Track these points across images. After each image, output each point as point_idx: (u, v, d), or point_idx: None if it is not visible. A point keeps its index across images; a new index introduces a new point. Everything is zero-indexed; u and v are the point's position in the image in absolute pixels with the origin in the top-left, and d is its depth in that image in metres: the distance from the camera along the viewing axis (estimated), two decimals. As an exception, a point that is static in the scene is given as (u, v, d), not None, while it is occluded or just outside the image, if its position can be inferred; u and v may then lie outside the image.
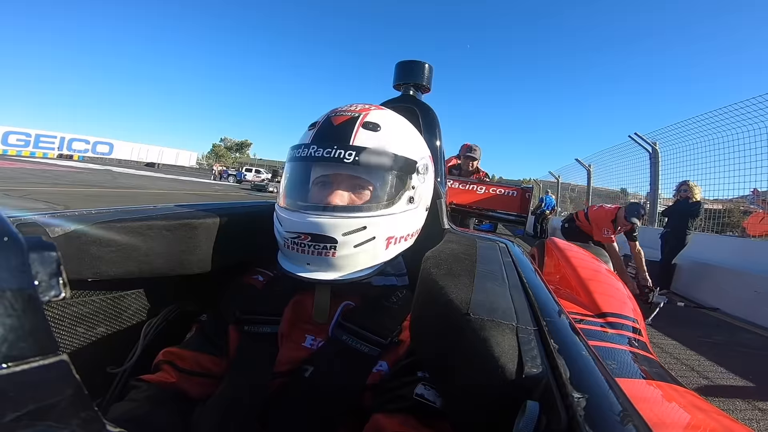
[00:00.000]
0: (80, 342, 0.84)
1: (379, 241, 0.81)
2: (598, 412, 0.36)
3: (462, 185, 4.28)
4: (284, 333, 0.81)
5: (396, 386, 0.70)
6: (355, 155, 0.76)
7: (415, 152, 0.87)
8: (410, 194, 0.86)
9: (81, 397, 0.26)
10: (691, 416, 0.80)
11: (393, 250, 0.85)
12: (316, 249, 0.77)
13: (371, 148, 0.78)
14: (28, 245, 0.26)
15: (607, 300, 1.44)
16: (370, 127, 0.81)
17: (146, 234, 0.79)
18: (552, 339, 0.49)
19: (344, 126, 0.81)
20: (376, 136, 0.81)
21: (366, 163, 0.77)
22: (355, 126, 0.81)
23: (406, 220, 0.86)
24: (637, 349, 1.12)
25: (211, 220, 0.89)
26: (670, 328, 3.95)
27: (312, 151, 0.78)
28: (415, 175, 0.86)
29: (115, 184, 16.90)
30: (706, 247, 6.36)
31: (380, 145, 0.80)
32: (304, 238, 0.77)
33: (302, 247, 0.78)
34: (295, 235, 0.78)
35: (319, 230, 0.76)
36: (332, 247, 0.76)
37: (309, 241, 0.77)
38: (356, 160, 0.76)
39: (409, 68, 1.57)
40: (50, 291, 0.27)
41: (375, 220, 0.79)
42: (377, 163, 0.79)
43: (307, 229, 0.77)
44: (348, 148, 0.77)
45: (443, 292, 0.57)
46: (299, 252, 0.78)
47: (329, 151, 0.77)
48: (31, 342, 0.25)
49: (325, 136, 0.81)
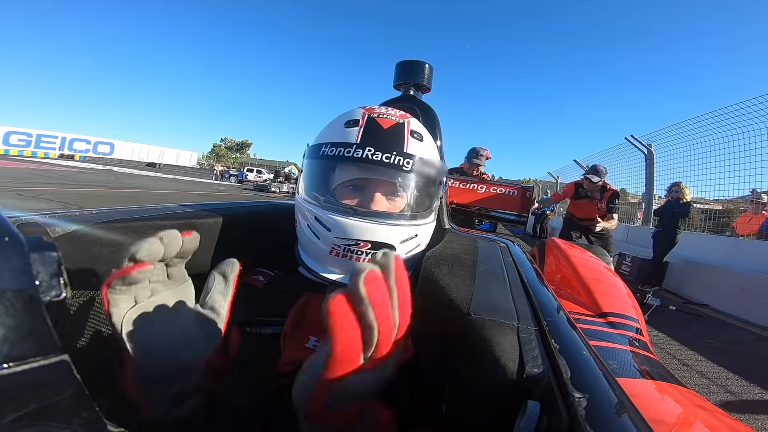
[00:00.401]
0: (81, 342, 0.84)
1: (421, 247, 0.83)
2: (599, 411, 0.36)
3: (462, 184, 4.28)
4: (288, 334, 0.80)
5: (396, 385, 0.70)
6: (412, 164, 0.76)
7: (442, 164, 0.89)
8: (437, 203, 0.88)
9: (82, 397, 0.26)
10: (692, 416, 0.80)
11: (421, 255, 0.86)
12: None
13: (423, 158, 0.79)
14: (29, 245, 0.26)
15: (608, 300, 1.44)
16: (416, 136, 0.82)
17: (147, 234, 0.79)
18: (553, 339, 0.49)
19: (395, 131, 0.80)
20: (422, 146, 0.82)
21: (420, 171, 0.78)
22: (405, 132, 0.80)
23: (433, 227, 0.89)
24: (637, 349, 1.12)
25: (212, 220, 0.89)
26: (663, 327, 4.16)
27: (368, 154, 0.75)
28: (441, 187, 0.89)
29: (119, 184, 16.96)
30: (696, 246, 6.62)
31: (427, 155, 0.81)
32: (363, 245, 0.75)
33: (358, 254, 0.76)
34: (351, 242, 0.75)
35: (382, 238, 0.75)
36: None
37: (369, 249, 0.75)
38: (412, 169, 0.77)
39: (409, 68, 1.56)
40: (51, 291, 0.27)
41: (423, 228, 0.82)
42: (427, 173, 0.80)
43: (368, 236, 0.75)
44: (405, 155, 0.76)
45: (444, 292, 0.57)
46: (353, 260, 0.76)
47: (389, 156, 0.75)
48: (32, 342, 0.25)
49: (379, 139, 0.78)
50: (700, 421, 0.77)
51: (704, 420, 0.77)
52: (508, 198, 4.20)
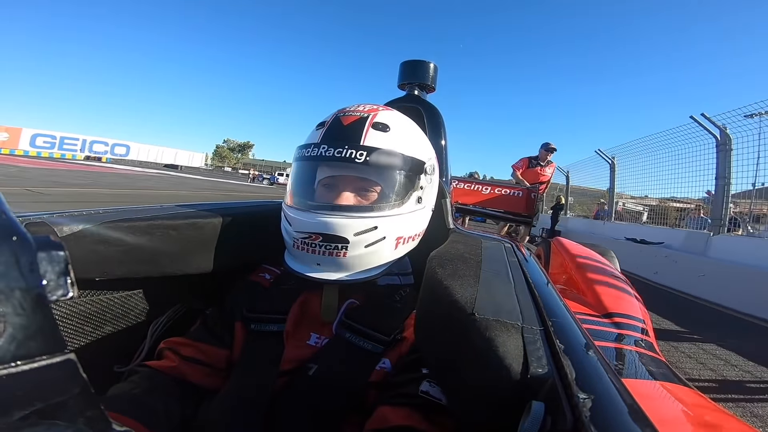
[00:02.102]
0: (87, 341, 0.84)
1: (389, 240, 0.81)
2: (604, 412, 0.36)
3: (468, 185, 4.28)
4: (290, 331, 0.81)
5: (401, 383, 0.70)
6: (366, 155, 0.77)
7: (423, 153, 0.88)
8: (419, 194, 0.86)
9: (88, 396, 0.26)
10: (698, 417, 0.79)
11: (401, 249, 0.86)
12: (327, 249, 0.77)
13: (382, 149, 0.79)
14: (36, 244, 0.27)
15: (614, 300, 1.43)
16: (380, 128, 0.82)
17: (153, 233, 0.80)
18: (558, 339, 0.49)
19: (354, 126, 0.81)
20: (386, 137, 0.81)
21: (376, 163, 0.78)
22: (365, 126, 0.81)
23: (415, 220, 0.87)
24: (643, 350, 1.12)
25: (218, 219, 0.89)
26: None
27: (322, 151, 0.78)
28: (423, 176, 0.87)
29: (182, 187, 17.35)
30: (572, 222, 12.99)
31: (390, 146, 0.80)
32: (315, 238, 0.77)
33: (312, 247, 0.78)
34: (305, 235, 0.78)
35: (330, 230, 0.76)
36: (344, 248, 0.77)
37: (320, 242, 0.77)
38: (367, 161, 0.77)
39: (413, 68, 1.56)
40: (58, 290, 0.27)
41: (386, 220, 0.80)
42: (387, 164, 0.80)
43: (318, 229, 0.77)
44: (359, 148, 0.77)
45: (448, 292, 0.57)
46: (309, 252, 0.79)
47: (340, 150, 0.77)
48: (39, 341, 0.25)
49: (336, 135, 0.81)
50: (706, 423, 0.76)
51: (711, 421, 0.76)
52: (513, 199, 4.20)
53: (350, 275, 0.80)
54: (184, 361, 0.79)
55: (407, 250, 0.88)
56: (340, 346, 0.78)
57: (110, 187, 12.53)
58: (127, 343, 0.90)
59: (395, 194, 0.83)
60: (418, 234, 0.90)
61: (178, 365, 0.78)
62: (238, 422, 0.69)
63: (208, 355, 0.81)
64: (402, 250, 0.86)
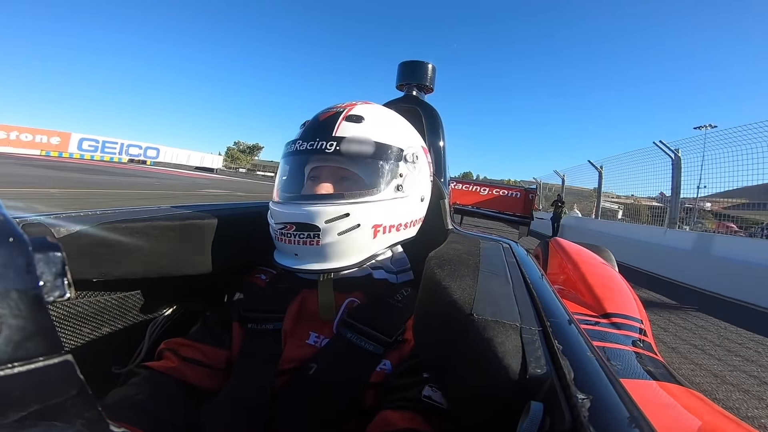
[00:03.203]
0: (85, 342, 0.84)
1: (364, 229, 0.81)
2: (602, 413, 0.36)
3: (466, 186, 4.29)
4: (288, 330, 0.81)
5: (402, 387, 0.70)
6: (335, 145, 0.79)
7: (401, 140, 0.88)
8: (398, 182, 0.86)
9: (85, 397, 0.26)
10: (697, 418, 0.79)
11: (382, 239, 0.85)
12: (301, 238, 0.79)
13: (350, 137, 0.81)
14: (33, 245, 0.26)
15: (612, 300, 1.43)
16: (354, 120, 0.84)
17: (151, 234, 0.80)
18: (556, 339, 0.49)
19: (328, 120, 0.84)
20: (358, 127, 0.83)
21: (346, 151, 0.80)
22: (339, 119, 0.84)
23: (395, 209, 0.86)
24: (641, 350, 1.12)
25: (215, 220, 0.89)
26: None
27: (297, 146, 0.82)
28: (402, 163, 0.87)
29: (235, 187, 18.07)
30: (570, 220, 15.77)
31: (360, 134, 0.82)
32: (289, 228, 0.80)
33: (289, 237, 0.80)
34: (282, 225, 0.81)
35: (302, 219, 0.79)
36: (315, 236, 0.78)
37: (294, 231, 0.79)
38: (337, 150, 0.79)
39: (411, 68, 1.56)
40: (55, 291, 0.27)
41: (358, 207, 0.80)
42: (357, 151, 0.81)
43: (292, 218, 0.80)
44: (329, 139, 0.80)
45: (447, 293, 0.57)
46: (287, 243, 0.81)
47: (312, 143, 0.81)
48: (36, 342, 0.25)
49: (311, 130, 0.85)
50: (704, 423, 0.76)
51: (709, 421, 0.77)
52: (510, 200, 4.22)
53: (328, 265, 0.81)
54: (184, 362, 0.79)
55: (392, 240, 0.88)
56: (341, 346, 0.77)
57: (202, 188, 13.47)
58: (125, 344, 0.90)
59: (369, 181, 0.84)
60: (403, 224, 0.89)
61: (178, 366, 0.78)
62: (238, 422, 0.69)
63: (208, 356, 0.81)
64: (384, 240, 0.86)
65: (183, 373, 0.77)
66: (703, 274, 7.55)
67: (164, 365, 0.78)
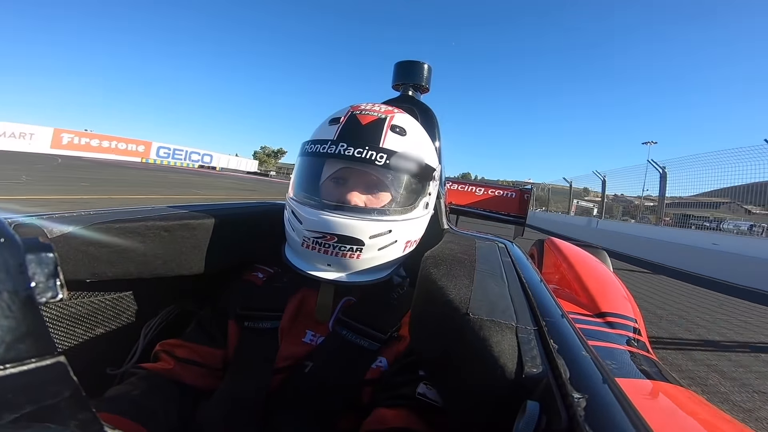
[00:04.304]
0: (79, 343, 0.83)
1: (399, 243, 0.82)
2: (598, 412, 0.36)
3: (461, 186, 4.30)
4: (285, 329, 0.81)
5: (398, 384, 0.70)
6: (386, 158, 0.76)
7: (433, 159, 0.88)
8: (427, 200, 0.87)
9: (79, 399, 0.26)
10: (691, 416, 0.80)
11: (407, 252, 0.87)
12: (342, 250, 0.76)
13: (401, 153, 0.79)
14: (25, 246, 0.26)
15: (606, 299, 1.43)
16: (398, 131, 0.82)
17: (144, 234, 0.79)
18: (552, 339, 0.49)
19: (373, 126, 0.81)
20: (404, 141, 0.81)
21: (396, 166, 0.78)
22: (384, 128, 0.80)
23: (422, 225, 0.88)
24: (636, 349, 1.12)
25: (210, 220, 0.88)
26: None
27: (341, 149, 0.77)
28: (432, 182, 0.87)
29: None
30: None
31: (408, 150, 0.80)
32: (329, 238, 0.76)
33: (326, 247, 0.77)
34: (319, 234, 0.76)
35: (348, 232, 0.75)
36: (358, 249, 0.77)
37: (335, 242, 0.76)
38: (387, 164, 0.76)
39: (408, 68, 1.56)
40: (47, 292, 0.27)
41: (400, 224, 0.80)
42: (405, 168, 0.80)
43: (334, 229, 0.75)
44: (379, 150, 0.77)
45: (443, 292, 0.57)
46: (321, 252, 0.78)
47: (360, 151, 0.76)
48: (28, 343, 0.24)
49: (354, 134, 0.80)
50: (699, 422, 0.76)
51: (703, 420, 0.77)
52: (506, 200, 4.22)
53: (361, 277, 0.81)
54: (179, 362, 0.78)
55: (410, 251, 0.89)
56: (337, 343, 0.77)
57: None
58: (120, 345, 0.89)
59: (407, 199, 0.83)
60: (421, 237, 0.91)
61: (174, 367, 0.77)
62: (235, 421, 0.69)
63: (204, 356, 0.81)
64: (407, 252, 0.87)
65: (178, 374, 0.77)
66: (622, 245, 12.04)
67: (160, 366, 0.77)
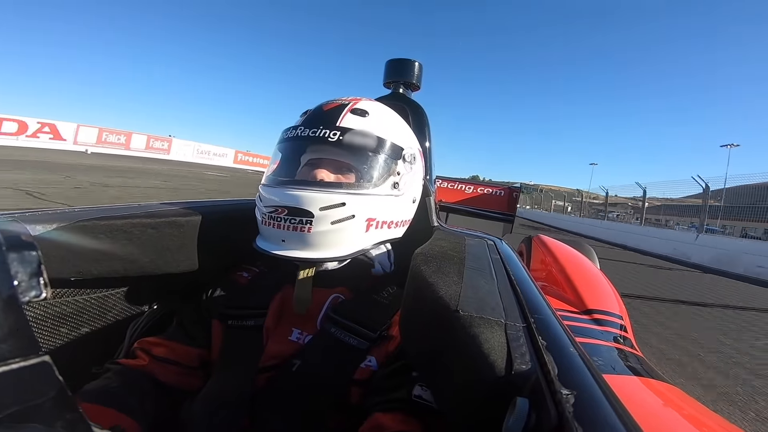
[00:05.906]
0: (63, 342, 0.82)
1: (358, 221, 0.80)
2: (586, 408, 0.36)
3: (451, 184, 4.33)
4: (270, 327, 0.80)
5: (392, 387, 0.69)
6: (339, 135, 0.79)
7: (402, 140, 0.89)
8: (395, 180, 0.87)
9: (65, 399, 0.26)
10: (676, 412, 0.81)
11: (373, 235, 0.85)
12: (291, 223, 0.77)
13: (356, 129, 0.81)
14: (7, 244, 0.26)
15: (593, 297, 1.45)
16: (359, 113, 0.84)
17: (131, 232, 0.78)
18: (540, 336, 0.49)
19: (333, 111, 0.84)
20: (363, 120, 0.84)
21: (350, 142, 0.79)
22: (344, 111, 0.84)
23: (389, 205, 0.86)
24: (622, 346, 1.14)
25: (198, 218, 0.87)
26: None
27: (299, 132, 0.81)
28: (400, 162, 0.87)
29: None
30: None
31: (366, 128, 0.82)
32: (280, 211, 0.77)
33: (278, 221, 0.78)
34: (272, 209, 0.78)
35: (296, 203, 0.76)
36: (308, 222, 0.76)
37: (285, 215, 0.77)
38: (340, 140, 0.78)
39: (399, 66, 1.56)
40: (30, 291, 0.26)
41: (355, 198, 0.79)
42: (361, 144, 0.81)
43: (284, 202, 0.77)
44: (333, 128, 0.80)
45: (432, 289, 0.57)
46: (275, 227, 0.79)
47: (314, 130, 0.80)
48: (11, 343, 0.24)
49: (314, 118, 0.84)
50: (685, 418, 0.78)
51: (689, 416, 0.78)
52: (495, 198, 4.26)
53: (315, 253, 0.79)
54: (155, 360, 0.77)
55: (382, 237, 0.88)
56: (324, 342, 0.77)
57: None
58: (106, 344, 0.88)
59: (368, 175, 0.84)
60: (395, 222, 0.89)
61: (149, 364, 0.76)
62: (220, 420, 0.68)
63: (180, 355, 0.79)
64: (375, 235, 0.85)
65: (153, 371, 0.76)
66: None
67: (135, 363, 0.76)
